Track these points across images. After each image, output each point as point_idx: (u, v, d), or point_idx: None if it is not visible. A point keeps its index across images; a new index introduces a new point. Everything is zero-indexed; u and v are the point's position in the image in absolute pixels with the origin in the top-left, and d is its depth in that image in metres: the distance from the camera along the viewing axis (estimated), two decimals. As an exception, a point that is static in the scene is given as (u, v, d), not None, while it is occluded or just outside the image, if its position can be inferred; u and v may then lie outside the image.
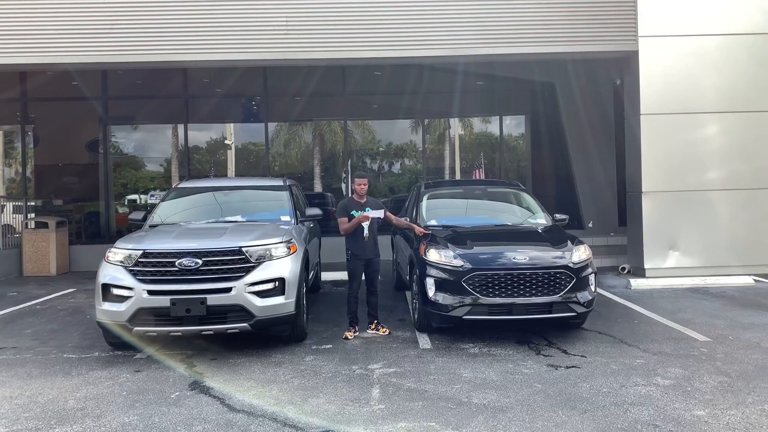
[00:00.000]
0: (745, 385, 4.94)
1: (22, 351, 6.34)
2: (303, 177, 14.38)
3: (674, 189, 9.84)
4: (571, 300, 6.15)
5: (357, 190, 6.81)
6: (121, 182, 14.66)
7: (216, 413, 4.52)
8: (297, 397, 4.81)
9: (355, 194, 6.86)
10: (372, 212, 6.65)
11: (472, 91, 14.38)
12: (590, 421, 4.27)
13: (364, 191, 6.82)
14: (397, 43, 9.91)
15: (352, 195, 6.95)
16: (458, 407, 4.55)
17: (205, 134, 14.87)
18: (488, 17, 9.87)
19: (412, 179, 14.25)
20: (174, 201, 7.67)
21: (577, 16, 9.88)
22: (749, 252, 9.87)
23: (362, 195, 6.83)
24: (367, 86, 14.13)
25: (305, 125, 15.18)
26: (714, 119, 9.87)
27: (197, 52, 9.90)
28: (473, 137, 15.52)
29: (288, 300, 5.97)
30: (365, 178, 6.89)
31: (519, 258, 6.23)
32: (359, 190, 6.80)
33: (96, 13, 9.73)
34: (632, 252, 10.43)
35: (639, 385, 4.97)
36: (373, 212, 6.66)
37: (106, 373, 5.52)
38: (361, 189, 6.80)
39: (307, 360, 5.81)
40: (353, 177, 7.00)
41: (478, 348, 6.11)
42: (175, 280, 5.70)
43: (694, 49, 9.80)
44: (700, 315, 7.46)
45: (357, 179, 6.84)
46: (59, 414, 4.57)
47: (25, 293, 9.88)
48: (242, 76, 13.28)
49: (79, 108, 14.01)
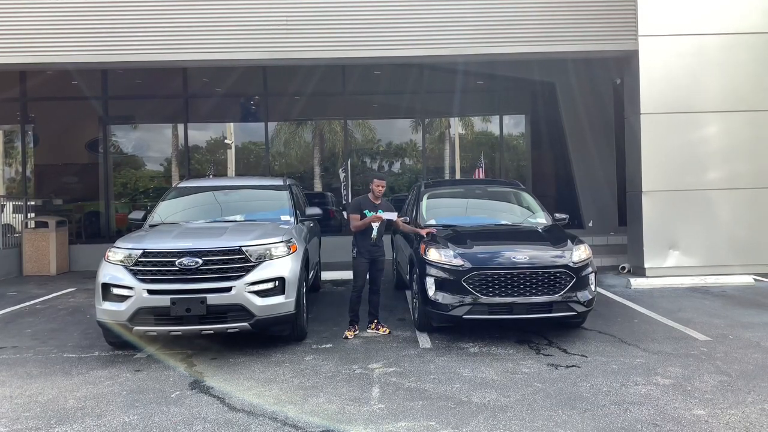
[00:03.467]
0: (745, 384, 4.94)
1: (22, 350, 6.34)
2: (303, 176, 14.39)
3: (674, 188, 9.84)
4: (571, 299, 6.14)
5: (375, 191, 6.76)
6: (121, 182, 14.67)
7: (216, 412, 4.52)
8: (297, 397, 4.81)
9: (372, 194, 6.81)
10: (384, 214, 6.66)
11: (472, 90, 14.39)
12: (590, 420, 4.27)
13: (381, 192, 6.79)
14: (397, 42, 9.91)
15: (368, 194, 6.89)
16: (458, 406, 4.55)
17: (205, 134, 14.87)
18: (488, 17, 9.88)
19: (412, 179, 14.25)
20: (174, 200, 7.66)
21: (577, 16, 9.89)
22: (749, 251, 9.87)
23: (378, 196, 6.79)
24: (367, 86, 14.13)
25: (305, 125, 15.19)
26: (714, 119, 9.87)
27: (197, 52, 9.91)
28: (473, 137, 15.53)
29: (288, 299, 5.97)
30: (384, 180, 6.84)
31: (519, 257, 6.22)
32: (377, 191, 6.76)
33: (96, 13, 9.74)
34: (632, 251, 10.43)
35: (639, 384, 4.97)
36: (385, 214, 6.66)
37: (106, 372, 5.52)
38: (379, 190, 6.76)
39: (307, 359, 5.81)
40: (372, 176, 6.96)
41: (478, 347, 6.11)
42: (175, 279, 5.70)
43: (695, 48, 9.80)
44: (700, 314, 7.46)
45: (376, 180, 6.79)
46: (59, 413, 4.57)
47: (25, 293, 9.88)
48: (242, 76, 13.29)
49: (79, 108, 14.03)
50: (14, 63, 10.13)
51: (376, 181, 6.78)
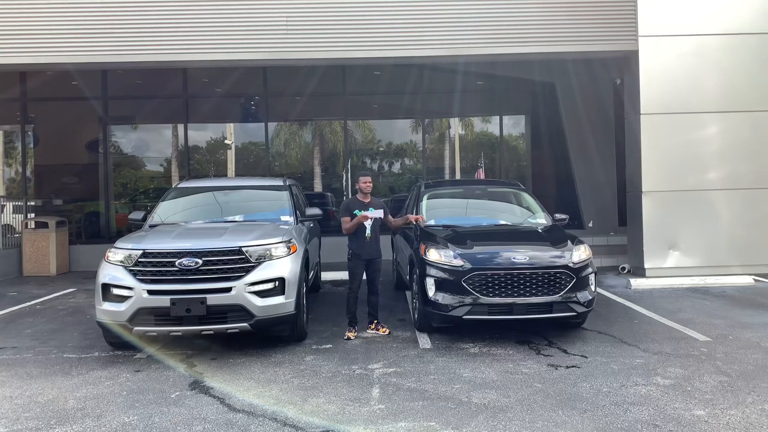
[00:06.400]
0: (745, 384, 4.94)
1: (22, 351, 6.34)
2: (303, 177, 14.37)
3: (674, 189, 9.84)
4: (571, 300, 6.14)
5: (362, 189, 6.76)
6: (121, 182, 14.66)
7: (216, 413, 4.52)
8: (297, 397, 4.81)
9: (360, 193, 6.81)
10: (372, 212, 6.62)
11: (472, 91, 14.39)
12: (590, 420, 4.27)
13: (369, 189, 6.76)
14: (398, 43, 9.91)
15: (356, 194, 6.91)
16: (458, 407, 4.55)
17: (205, 134, 14.86)
18: (488, 17, 9.87)
19: (412, 179, 14.24)
20: (174, 201, 7.66)
21: (577, 16, 9.88)
22: (749, 252, 9.86)
23: (366, 194, 6.77)
24: (367, 86, 14.13)
25: (305, 125, 15.18)
26: (714, 119, 9.87)
27: (197, 52, 9.90)
28: (473, 137, 15.52)
29: (288, 300, 5.97)
30: (369, 176, 6.83)
31: (519, 258, 6.22)
32: (364, 188, 6.74)
33: (96, 13, 9.73)
34: (632, 252, 10.43)
35: (639, 384, 4.97)
36: (373, 212, 6.63)
37: (106, 372, 5.52)
38: (366, 187, 6.74)
39: (307, 360, 5.82)
40: (357, 175, 6.95)
41: (478, 348, 6.11)
42: (175, 279, 5.70)
43: (695, 48, 9.80)
44: (700, 315, 7.46)
45: (361, 177, 6.80)
46: (59, 414, 4.57)
47: (25, 293, 9.88)
48: (242, 76, 13.28)
49: (79, 108, 14.01)
50: (14, 63, 10.12)
51: (361, 179, 6.79)
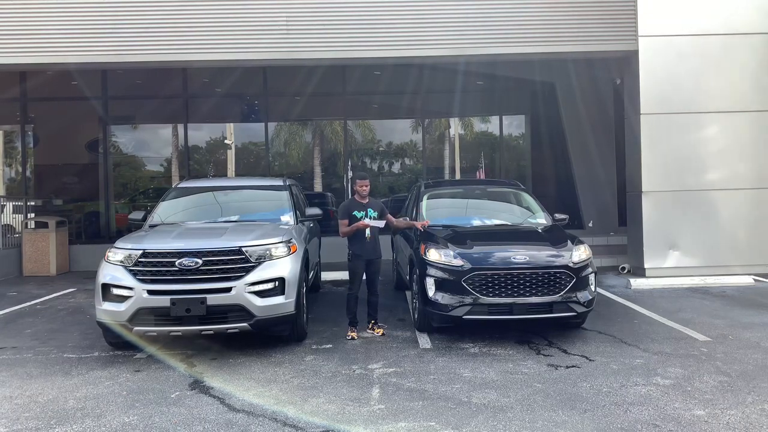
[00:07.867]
0: (745, 384, 4.94)
1: (22, 351, 6.34)
2: (303, 177, 14.37)
3: (674, 189, 9.83)
4: (571, 300, 6.14)
5: (359, 191, 6.74)
6: (121, 182, 14.66)
7: (216, 413, 4.52)
8: (297, 397, 4.81)
9: (357, 195, 6.79)
10: (373, 222, 6.58)
11: (472, 90, 14.39)
12: (590, 420, 4.27)
13: (365, 192, 6.74)
14: (399, 42, 9.91)
15: (354, 196, 6.89)
16: (458, 407, 4.55)
17: (205, 134, 14.86)
18: (488, 17, 9.87)
19: (412, 179, 14.23)
20: (174, 201, 7.66)
21: (577, 16, 9.88)
22: (749, 252, 9.86)
23: (364, 196, 6.75)
24: (367, 86, 14.13)
25: (305, 125, 15.19)
26: (714, 119, 9.87)
27: (197, 52, 9.90)
28: (473, 137, 15.53)
29: (288, 300, 5.97)
30: (366, 179, 6.81)
31: (519, 258, 6.22)
32: (361, 191, 6.72)
33: (96, 13, 9.74)
34: (632, 252, 10.42)
35: (639, 384, 4.97)
36: (374, 222, 6.59)
37: (106, 372, 5.52)
38: (363, 190, 6.72)
39: (307, 360, 5.82)
40: (354, 178, 6.93)
41: (478, 348, 6.11)
42: (175, 279, 5.70)
43: (695, 48, 9.80)
44: (700, 315, 7.46)
45: (358, 180, 6.77)
46: (59, 414, 4.57)
47: (25, 293, 9.87)
48: (242, 76, 13.28)
49: (79, 108, 14.01)
50: (14, 63, 10.12)
51: (358, 181, 6.77)
